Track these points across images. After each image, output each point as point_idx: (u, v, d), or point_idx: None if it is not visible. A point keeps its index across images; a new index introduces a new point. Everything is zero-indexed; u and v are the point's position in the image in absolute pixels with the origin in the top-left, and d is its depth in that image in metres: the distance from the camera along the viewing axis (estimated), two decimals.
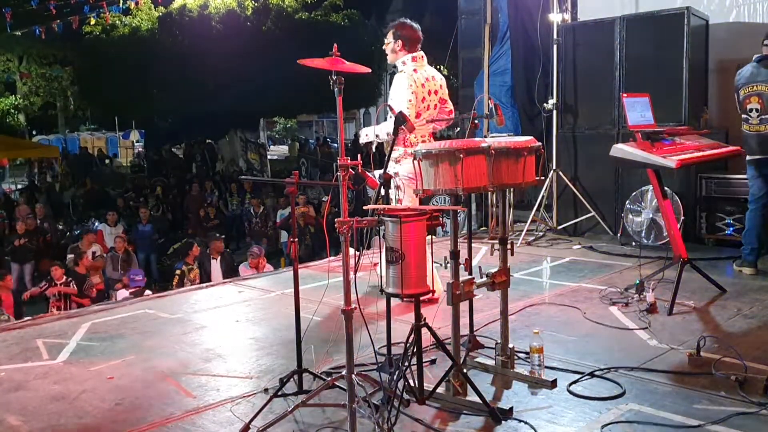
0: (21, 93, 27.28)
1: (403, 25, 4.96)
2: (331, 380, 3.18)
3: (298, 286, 3.37)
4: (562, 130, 7.60)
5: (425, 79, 4.85)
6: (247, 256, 9.02)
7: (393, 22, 5.10)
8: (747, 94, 5.38)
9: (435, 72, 5.02)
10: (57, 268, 9.23)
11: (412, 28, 4.95)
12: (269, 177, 20.25)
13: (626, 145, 4.92)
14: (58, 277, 9.11)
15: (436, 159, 3.16)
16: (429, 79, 4.87)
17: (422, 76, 4.84)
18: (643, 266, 5.26)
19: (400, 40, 4.91)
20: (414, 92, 4.74)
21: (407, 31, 4.93)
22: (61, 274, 9.15)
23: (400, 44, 4.91)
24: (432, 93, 4.88)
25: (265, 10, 18.24)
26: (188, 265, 9.47)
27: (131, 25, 18.73)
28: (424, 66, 4.93)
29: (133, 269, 10.29)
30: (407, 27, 4.95)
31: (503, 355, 3.53)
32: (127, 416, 3.25)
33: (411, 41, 4.91)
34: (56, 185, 21.45)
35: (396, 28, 4.96)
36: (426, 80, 4.85)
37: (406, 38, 4.90)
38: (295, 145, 29.73)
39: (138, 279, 9.50)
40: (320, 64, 3.05)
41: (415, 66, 4.86)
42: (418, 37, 4.95)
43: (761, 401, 3.10)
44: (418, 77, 4.81)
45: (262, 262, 9.21)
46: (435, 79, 4.93)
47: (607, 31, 7.13)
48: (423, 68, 4.91)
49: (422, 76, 4.84)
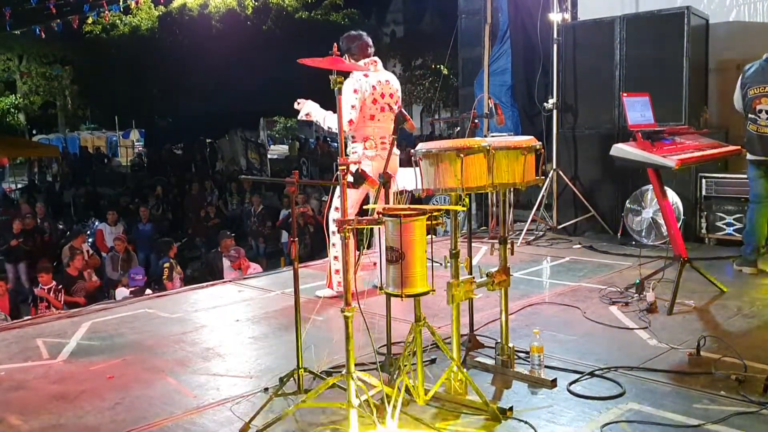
0: (21, 92, 27.30)
1: (347, 37, 5.12)
2: (331, 380, 3.17)
3: (298, 285, 3.36)
4: (562, 130, 7.60)
5: (377, 81, 5.00)
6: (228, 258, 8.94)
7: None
8: (757, 94, 5.32)
9: (390, 76, 5.21)
10: (43, 274, 9.00)
11: (355, 36, 5.11)
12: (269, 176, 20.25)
13: (626, 144, 4.92)
14: (45, 282, 8.92)
15: (436, 158, 3.16)
16: (381, 83, 5.03)
17: (373, 80, 4.98)
18: (643, 266, 5.26)
19: (346, 53, 5.04)
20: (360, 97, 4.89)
21: (350, 41, 5.08)
22: (48, 279, 8.94)
23: (347, 58, 5.02)
24: (386, 95, 5.03)
25: (265, 10, 18.28)
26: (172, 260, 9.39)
27: (131, 24, 18.77)
28: (377, 71, 5.07)
29: (134, 268, 10.25)
30: (350, 37, 5.12)
31: (503, 354, 3.53)
32: (127, 416, 3.25)
33: (359, 49, 5.05)
34: (56, 185, 21.45)
35: (342, 42, 5.07)
36: (378, 82, 5.00)
37: (352, 48, 5.06)
38: (295, 144, 29.72)
39: (138, 278, 9.48)
40: (320, 64, 3.05)
41: (364, 72, 4.98)
42: (365, 44, 5.09)
43: (761, 401, 3.10)
44: (368, 81, 4.94)
45: (244, 262, 9.11)
46: (390, 83, 5.10)
47: (607, 31, 7.13)
48: (376, 72, 5.05)
49: (373, 80, 4.98)
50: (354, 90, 4.90)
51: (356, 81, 4.94)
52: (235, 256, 8.79)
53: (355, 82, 4.93)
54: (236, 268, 8.79)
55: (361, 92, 4.92)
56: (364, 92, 4.93)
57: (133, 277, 9.49)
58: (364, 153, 4.98)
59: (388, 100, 5.04)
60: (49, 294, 8.89)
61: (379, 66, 5.13)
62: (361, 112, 4.94)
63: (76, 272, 9.58)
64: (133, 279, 9.42)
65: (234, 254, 8.86)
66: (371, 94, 4.95)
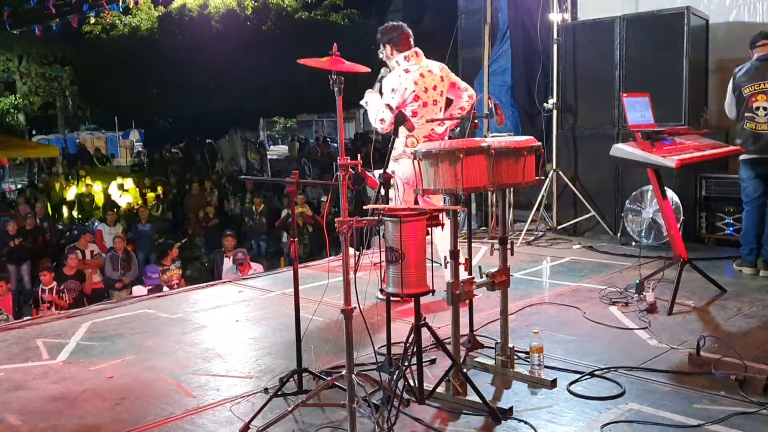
0: (21, 92, 27.29)
1: (386, 28, 4.88)
2: (331, 380, 3.17)
3: (297, 285, 3.37)
4: (562, 130, 7.60)
5: (419, 75, 4.70)
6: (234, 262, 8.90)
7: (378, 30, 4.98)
8: (753, 92, 5.35)
9: (434, 65, 4.86)
10: (45, 273, 9.06)
11: (396, 27, 4.85)
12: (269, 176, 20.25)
13: (626, 144, 4.92)
14: (47, 282, 8.97)
15: (436, 159, 3.16)
16: (424, 76, 4.72)
17: (415, 75, 4.69)
18: (643, 266, 5.26)
19: (387, 44, 4.81)
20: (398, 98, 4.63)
21: (391, 31, 4.82)
22: (50, 279, 9.00)
23: (389, 48, 4.82)
24: (430, 89, 4.73)
25: (264, 10, 18.26)
26: (164, 266, 9.30)
27: (131, 24, 18.75)
28: (420, 62, 4.79)
29: (149, 266, 10.21)
30: (390, 28, 4.85)
31: (503, 354, 3.53)
32: (127, 416, 3.25)
33: (401, 40, 4.79)
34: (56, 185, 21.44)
35: (380, 33, 4.87)
36: (421, 76, 4.70)
37: (394, 39, 4.80)
38: (295, 144, 29.73)
39: (154, 276, 9.45)
40: (320, 64, 3.05)
41: (407, 66, 4.73)
42: (408, 34, 4.81)
43: (761, 401, 3.10)
44: (409, 77, 4.67)
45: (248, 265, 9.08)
46: (433, 73, 4.78)
47: (607, 31, 7.13)
48: (419, 64, 4.76)
49: (415, 75, 4.69)
50: (392, 89, 4.65)
51: (396, 78, 4.68)
52: (242, 258, 8.77)
53: (395, 80, 4.67)
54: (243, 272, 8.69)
55: (400, 92, 4.64)
56: (403, 91, 4.64)
57: (149, 275, 9.48)
58: (404, 150, 4.66)
59: (432, 93, 4.72)
60: (52, 294, 8.91)
61: (421, 57, 4.81)
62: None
63: (71, 271, 9.54)
64: (149, 278, 9.40)
65: (241, 257, 8.85)
66: (412, 92, 4.65)
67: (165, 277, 9.13)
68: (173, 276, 9.21)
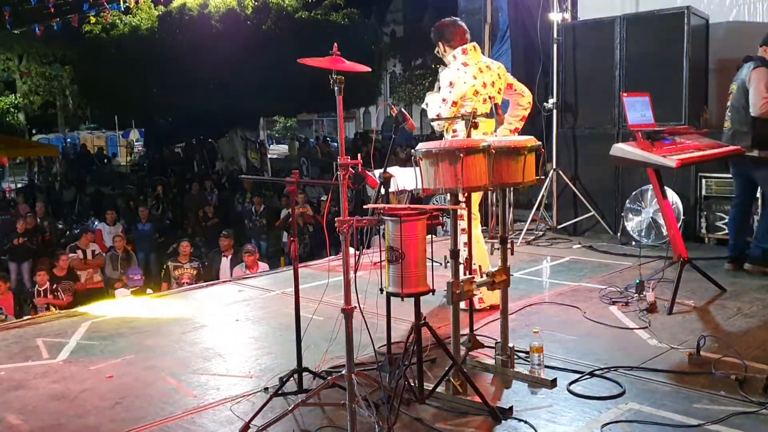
0: (21, 92, 27.28)
1: (438, 25, 4.73)
2: (331, 380, 3.17)
3: (298, 285, 3.37)
4: (562, 130, 7.60)
5: (477, 70, 4.50)
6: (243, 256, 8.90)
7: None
8: (730, 91, 5.48)
9: (491, 61, 4.74)
10: (43, 274, 9.04)
11: (450, 23, 4.69)
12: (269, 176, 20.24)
13: (626, 144, 4.92)
14: (42, 283, 8.94)
15: (436, 158, 3.15)
16: (482, 71, 4.52)
17: (474, 69, 4.50)
18: (643, 266, 5.27)
19: (440, 41, 4.67)
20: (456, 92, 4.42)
21: (445, 27, 4.67)
22: (45, 280, 8.98)
23: (442, 46, 4.68)
24: (488, 85, 4.52)
25: (265, 9, 18.25)
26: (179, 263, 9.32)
27: (131, 24, 18.73)
28: (478, 57, 4.60)
29: (132, 268, 10.24)
30: (441, 25, 4.70)
31: (503, 354, 3.53)
32: (127, 415, 3.25)
33: (456, 36, 4.61)
34: (56, 184, 21.44)
35: (433, 31, 4.74)
36: (479, 71, 4.50)
37: (447, 35, 4.63)
38: (295, 144, 29.72)
39: (136, 278, 9.47)
40: (320, 63, 3.04)
41: (465, 59, 4.53)
42: (463, 29, 4.65)
43: (761, 401, 3.10)
44: (468, 71, 4.48)
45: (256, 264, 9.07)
46: (491, 69, 4.59)
47: (607, 31, 7.14)
48: (477, 60, 4.57)
49: (474, 69, 4.50)
50: (450, 83, 4.45)
51: (454, 72, 4.48)
52: (251, 250, 8.75)
53: (453, 74, 4.47)
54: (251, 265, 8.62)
55: (458, 87, 4.43)
56: (462, 85, 4.44)
57: (131, 277, 9.48)
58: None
59: (489, 90, 4.50)
60: (47, 296, 8.89)
61: (479, 52, 4.64)
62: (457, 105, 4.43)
63: (62, 272, 9.47)
64: (131, 279, 9.41)
65: (251, 248, 8.86)
66: (472, 86, 4.45)
67: (176, 273, 9.13)
68: (184, 274, 9.17)
